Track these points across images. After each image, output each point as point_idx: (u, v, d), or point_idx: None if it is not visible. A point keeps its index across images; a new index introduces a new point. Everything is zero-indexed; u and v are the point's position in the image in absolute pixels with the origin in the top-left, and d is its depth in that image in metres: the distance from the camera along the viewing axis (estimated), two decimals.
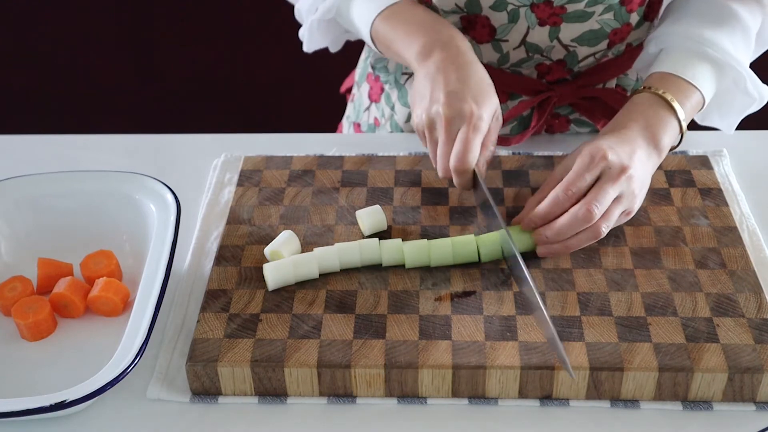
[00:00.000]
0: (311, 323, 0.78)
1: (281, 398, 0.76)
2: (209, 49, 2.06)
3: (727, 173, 0.98)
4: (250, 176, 0.97)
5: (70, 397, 0.69)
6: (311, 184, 0.95)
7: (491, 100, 0.86)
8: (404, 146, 1.05)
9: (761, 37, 0.97)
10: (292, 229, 0.89)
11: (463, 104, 0.84)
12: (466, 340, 0.75)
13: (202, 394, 0.76)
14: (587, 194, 0.81)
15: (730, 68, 0.92)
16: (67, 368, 0.78)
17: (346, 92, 1.29)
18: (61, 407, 0.69)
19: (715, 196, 0.92)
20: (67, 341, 0.81)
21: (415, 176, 0.96)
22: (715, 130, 1.03)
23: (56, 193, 0.91)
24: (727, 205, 0.91)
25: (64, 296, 0.82)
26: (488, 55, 1.01)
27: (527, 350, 0.74)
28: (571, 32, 0.97)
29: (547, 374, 0.73)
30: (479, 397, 0.75)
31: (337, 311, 0.79)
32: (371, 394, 0.75)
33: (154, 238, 0.84)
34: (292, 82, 2.10)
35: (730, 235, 0.87)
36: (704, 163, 0.97)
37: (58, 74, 2.11)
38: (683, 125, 0.89)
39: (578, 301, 0.79)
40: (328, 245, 0.85)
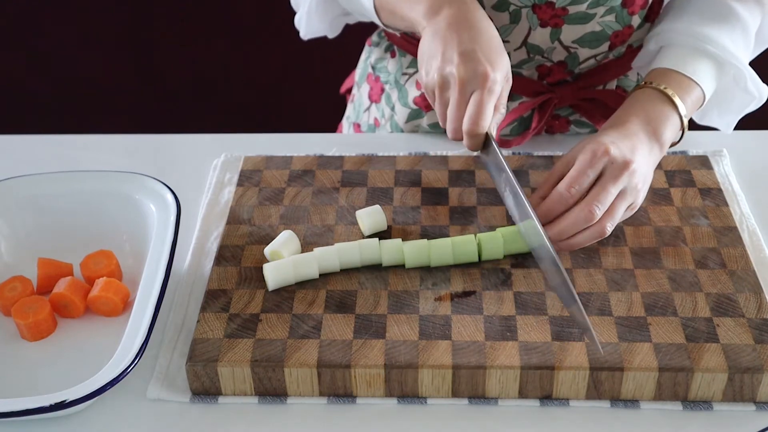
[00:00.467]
0: (311, 323, 0.78)
1: (281, 398, 0.76)
2: (209, 49, 2.06)
3: (727, 173, 0.98)
4: (250, 176, 0.97)
5: (70, 397, 0.69)
6: (311, 184, 0.95)
7: (504, 60, 0.85)
8: (404, 146, 1.06)
9: (760, 35, 0.98)
10: (292, 229, 0.89)
11: (477, 65, 0.82)
12: (466, 340, 0.75)
13: (202, 394, 0.76)
14: (589, 193, 0.81)
15: (730, 65, 0.92)
16: (67, 368, 0.78)
17: (346, 93, 1.29)
18: (61, 407, 0.69)
19: (715, 196, 0.92)
20: (67, 341, 0.81)
21: (415, 176, 0.96)
22: (715, 130, 1.03)
23: (56, 193, 0.91)
24: (727, 205, 0.91)
25: (64, 296, 0.82)
26: None
27: (527, 350, 0.74)
28: (572, 34, 0.97)
29: (547, 374, 0.73)
30: (479, 397, 0.75)
31: (337, 311, 0.79)
32: (371, 394, 0.75)
33: (154, 238, 0.84)
34: (292, 82, 2.10)
35: (730, 235, 0.87)
36: (704, 163, 0.97)
37: (58, 74, 2.11)
38: (684, 120, 0.89)
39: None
40: (328, 245, 0.85)
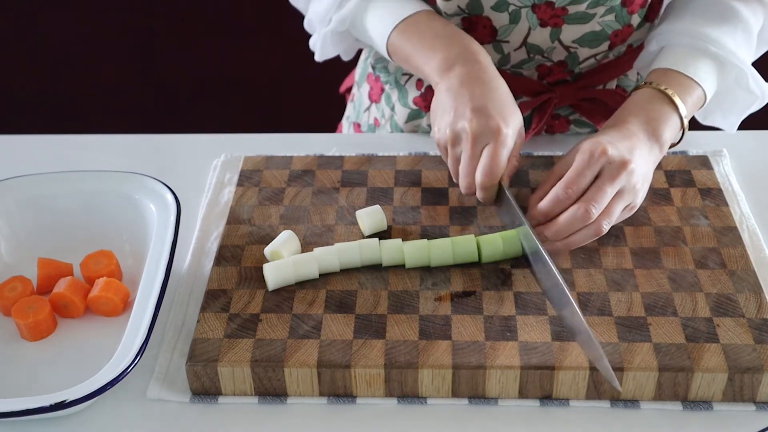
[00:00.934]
0: (311, 323, 0.78)
1: (281, 398, 0.76)
2: (209, 49, 2.06)
3: (727, 173, 0.98)
4: (250, 176, 0.97)
5: (70, 397, 0.69)
6: (311, 184, 0.95)
7: (516, 116, 0.86)
8: (404, 146, 1.05)
9: (763, 36, 0.97)
10: (292, 229, 0.89)
11: (489, 120, 0.83)
12: (466, 340, 0.75)
13: (202, 394, 0.76)
14: (586, 193, 0.81)
15: (732, 66, 0.92)
16: (67, 368, 0.78)
17: (345, 92, 1.29)
18: (61, 407, 0.69)
19: (715, 196, 0.92)
20: (67, 341, 0.81)
21: (415, 176, 0.96)
22: (715, 130, 1.03)
23: (56, 193, 0.90)
24: (727, 205, 0.91)
25: (64, 296, 0.82)
26: (489, 55, 1.01)
27: (527, 350, 0.74)
28: (572, 33, 0.97)
29: (547, 374, 0.73)
30: (479, 397, 0.75)
31: (337, 311, 0.79)
32: (371, 394, 0.75)
33: (154, 238, 0.84)
34: (292, 82, 2.10)
35: (730, 235, 0.87)
36: (704, 163, 0.97)
37: (58, 74, 2.11)
38: (684, 121, 0.89)
39: (578, 301, 0.79)
40: (328, 245, 0.85)
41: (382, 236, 0.88)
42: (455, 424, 0.74)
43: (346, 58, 1.09)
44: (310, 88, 2.01)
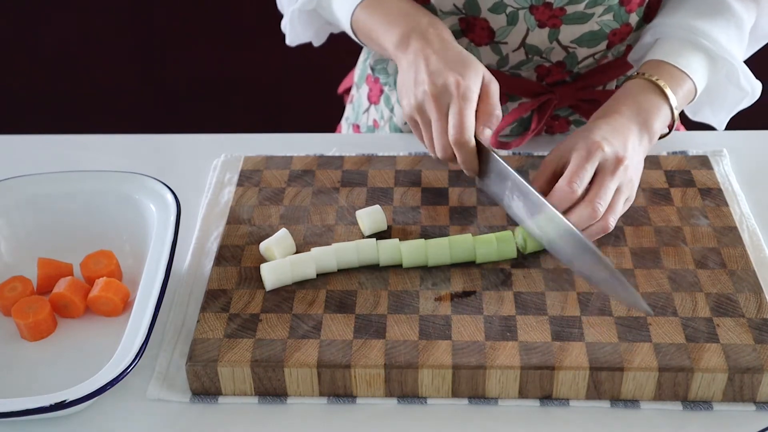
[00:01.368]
0: (311, 323, 0.78)
1: (281, 398, 0.76)
2: (209, 49, 2.06)
3: (727, 173, 0.98)
4: (250, 176, 0.97)
5: (70, 397, 0.69)
6: (311, 184, 0.95)
7: (473, 66, 0.86)
8: (404, 146, 1.05)
9: (755, 33, 0.98)
10: (291, 229, 0.88)
11: (447, 78, 0.83)
12: (466, 340, 0.75)
13: (202, 394, 0.76)
14: (589, 191, 0.81)
15: (723, 61, 0.93)
16: (67, 368, 0.78)
17: (343, 93, 1.29)
18: (61, 407, 0.69)
19: (715, 196, 0.92)
20: (67, 341, 0.81)
21: (415, 176, 0.96)
22: (715, 130, 1.03)
23: (56, 193, 0.90)
24: (727, 205, 0.91)
25: (64, 296, 0.82)
26: (487, 57, 1.01)
27: (527, 350, 0.74)
28: (570, 34, 0.97)
29: (547, 374, 0.73)
30: (479, 397, 0.75)
31: (337, 311, 0.79)
32: (371, 394, 0.75)
33: (154, 238, 0.84)
34: (292, 82, 2.10)
35: (730, 235, 0.87)
36: (704, 163, 0.97)
37: (58, 74, 2.11)
38: (675, 112, 0.89)
39: (578, 301, 0.79)
40: (327, 245, 0.85)
41: (382, 236, 0.88)
42: (455, 424, 0.74)
43: (316, 43, 1.09)
44: (309, 88, 2.01)
